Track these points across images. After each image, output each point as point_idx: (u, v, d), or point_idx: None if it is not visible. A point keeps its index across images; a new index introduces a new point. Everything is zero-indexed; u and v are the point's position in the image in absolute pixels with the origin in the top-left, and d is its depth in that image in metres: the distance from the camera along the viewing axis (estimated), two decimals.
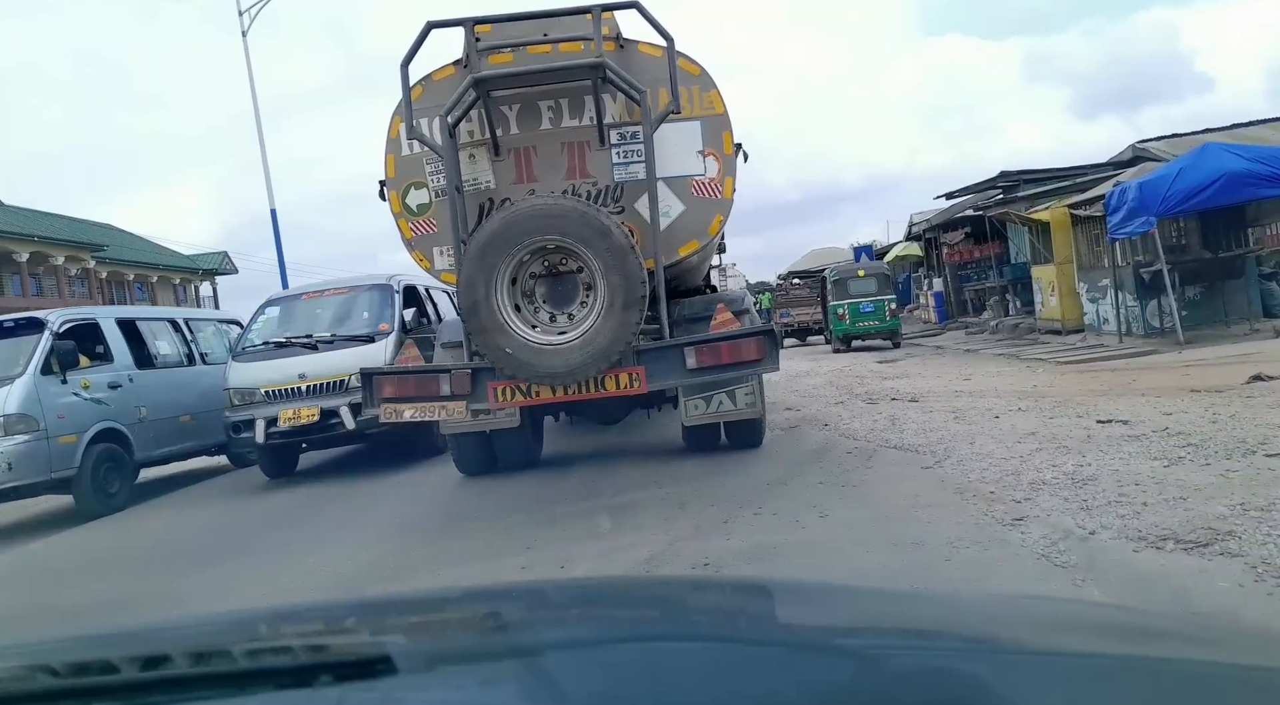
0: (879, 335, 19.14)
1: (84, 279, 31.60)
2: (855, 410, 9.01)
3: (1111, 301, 12.96)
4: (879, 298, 19.01)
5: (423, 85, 5.98)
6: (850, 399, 10.04)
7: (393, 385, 5.68)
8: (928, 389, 10.23)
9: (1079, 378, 9.98)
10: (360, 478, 8.61)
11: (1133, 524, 3.92)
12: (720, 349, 5.58)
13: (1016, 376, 10.88)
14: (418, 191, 6.12)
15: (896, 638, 1.02)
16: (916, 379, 11.79)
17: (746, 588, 1.58)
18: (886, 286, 19.59)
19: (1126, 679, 0.81)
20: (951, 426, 7.23)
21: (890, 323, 19.04)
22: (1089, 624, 1.14)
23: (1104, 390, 8.49)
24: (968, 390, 9.73)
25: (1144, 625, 1.19)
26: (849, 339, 19.19)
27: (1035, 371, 11.32)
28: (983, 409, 8.04)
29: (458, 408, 5.63)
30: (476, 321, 5.40)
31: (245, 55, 18.40)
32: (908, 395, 9.74)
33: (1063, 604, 1.56)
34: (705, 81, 6.00)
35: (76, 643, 1.25)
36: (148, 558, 6.37)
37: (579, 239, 5.33)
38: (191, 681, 0.90)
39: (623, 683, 0.82)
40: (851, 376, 12.89)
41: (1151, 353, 11.19)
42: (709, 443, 7.13)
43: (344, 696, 0.81)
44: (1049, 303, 15.70)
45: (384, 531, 6.06)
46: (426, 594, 1.95)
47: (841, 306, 19.06)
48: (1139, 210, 10.95)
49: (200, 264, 38.94)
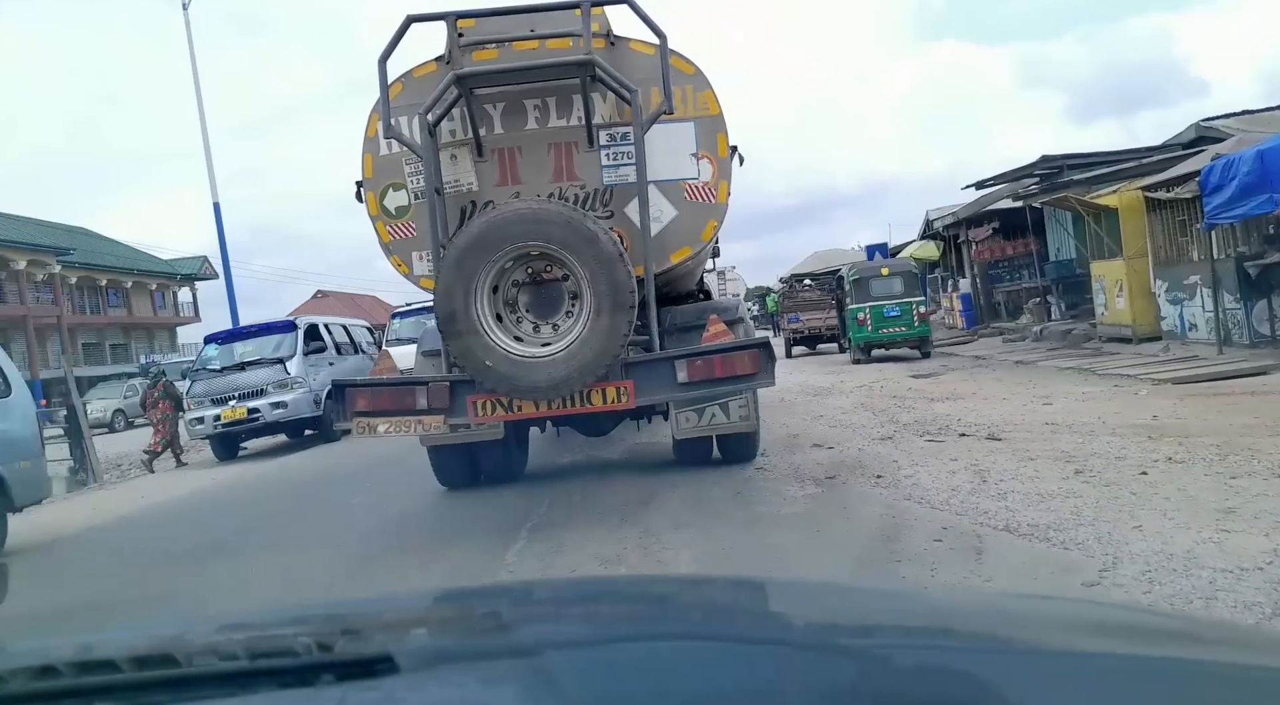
0: (906, 343, 16.72)
1: (49, 284, 30.43)
2: (914, 452, 6.77)
3: (1201, 303, 10.94)
4: (906, 299, 16.37)
5: (402, 82, 5.71)
6: (900, 432, 7.79)
7: (366, 398, 5.39)
8: (1003, 419, 7.88)
9: (1210, 405, 7.50)
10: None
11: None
12: (713, 362, 5.31)
13: (1115, 401, 8.45)
14: (396, 193, 5.84)
15: (896, 637, 1.00)
16: (975, 401, 9.38)
17: (747, 587, 1.57)
18: (914, 286, 16.86)
19: (1127, 679, 0.80)
20: (1080, 490, 5.01)
21: (919, 329, 16.51)
22: (1089, 624, 1.12)
23: (1269, 425, 6.28)
24: (1063, 422, 7.36)
25: (1144, 625, 1.19)
26: (870, 348, 16.80)
27: (1135, 394, 8.87)
28: (1108, 456, 5.79)
29: (435, 422, 5.35)
30: (454, 332, 5.11)
31: (186, 30, 17.56)
32: (980, 428, 7.48)
33: (1063, 604, 1.52)
34: (699, 81, 5.73)
35: (77, 641, 1.22)
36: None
37: (564, 245, 5.05)
38: (193, 680, 0.90)
39: (623, 682, 0.83)
40: (887, 396, 10.63)
41: (1274, 368, 8.93)
42: (700, 456, 6.86)
43: (345, 695, 0.82)
44: (1114, 305, 13.24)
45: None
46: (428, 593, 1.92)
47: (862, 310, 16.44)
48: (1258, 186, 8.76)
49: (179, 269, 38.16)
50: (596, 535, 5.09)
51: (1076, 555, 3.89)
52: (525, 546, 5.05)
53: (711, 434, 6.57)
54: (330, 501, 8.22)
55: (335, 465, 10.69)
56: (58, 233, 32.43)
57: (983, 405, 9.02)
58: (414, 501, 7.11)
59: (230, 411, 12.83)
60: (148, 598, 5.15)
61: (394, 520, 6.70)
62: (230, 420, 12.86)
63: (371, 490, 8.33)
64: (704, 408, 6.22)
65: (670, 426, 6.52)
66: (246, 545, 6.48)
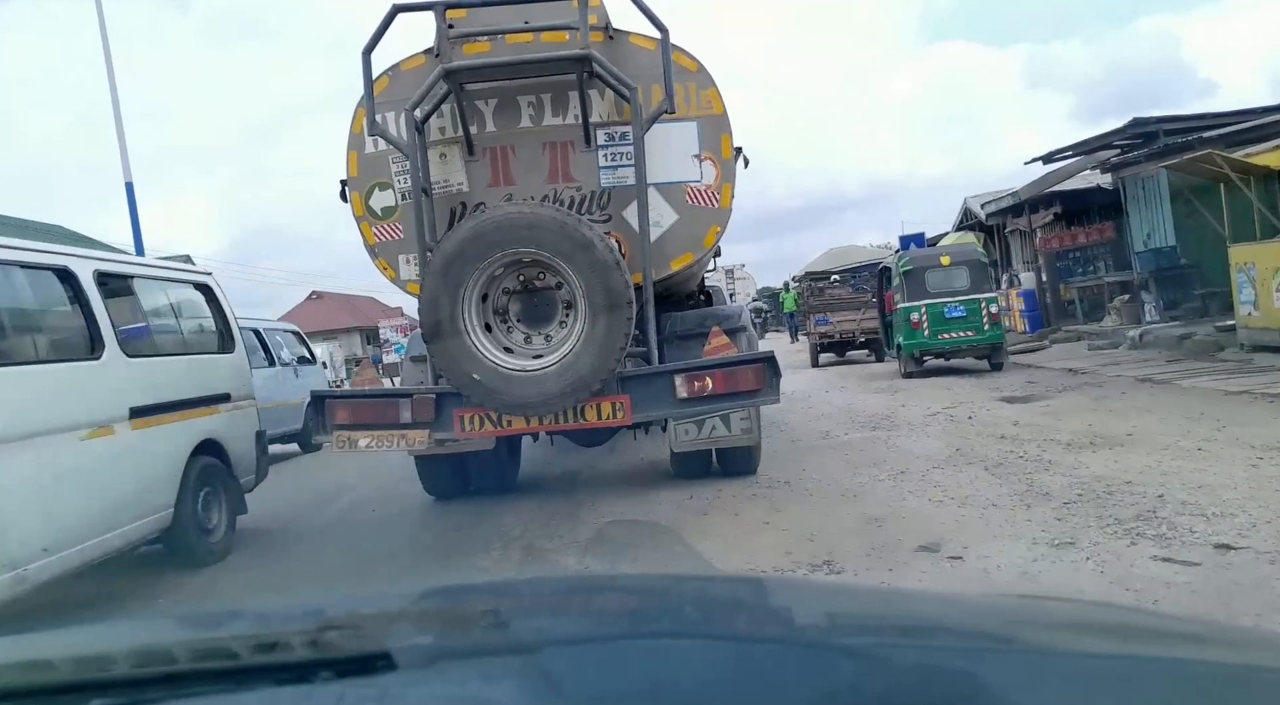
0: (971, 352, 12.96)
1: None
2: (1139, 583, 3.60)
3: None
4: (973, 297, 12.67)
5: (390, 76, 5.44)
6: (1072, 521, 4.51)
7: (347, 410, 5.12)
8: (1239, 498, 4.57)
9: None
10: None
11: None
12: (715, 378, 5.03)
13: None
14: (382, 193, 5.55)
15: (896, 637, 0.99)
16: (1148, 451, 5.93)
17: (747, 585, 1.54)
18: (983, 279, 13.11)
19: (1126, 679, 0.80)
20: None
21: (990, 333, 12.71)
22: (1089, 624, 1.11)
23: None
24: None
25: (1144, 625, 1.19)
26: (923, 357, 13.17)
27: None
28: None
29: (419, 437, 5.07)
30: (440, 343, 4.82)
31: (97, 7, 16.53)
32: (1203, 517, 4.31)
33: (1063, 604, 1.48)
34: (703, 78, 5.43)
35: (74, 637, 1.23)
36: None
37: (557, 252, 4.76)
38: (190, 677, 0.88)
39: (623, 679, 0.83)
40: (988, 435, 7.22)
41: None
42: (698, 470, 6.57)
43: (344, 692, 0.80)
44: (1270, 303, 10.13)
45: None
46: (426, 590, 1.82)
47: (916, 310, 12.83)
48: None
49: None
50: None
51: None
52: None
53: (711, 447, 6.29)
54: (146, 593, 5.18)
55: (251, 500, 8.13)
56: (20, 228, 31.26)
57: (1169, 460, 5.59)
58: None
59: None
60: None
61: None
62: None
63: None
64: (704, 420, 5.94)
65: (668, 439, 6.24)
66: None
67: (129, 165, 16.88)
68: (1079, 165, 15.50)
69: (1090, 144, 14.84)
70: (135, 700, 0.84)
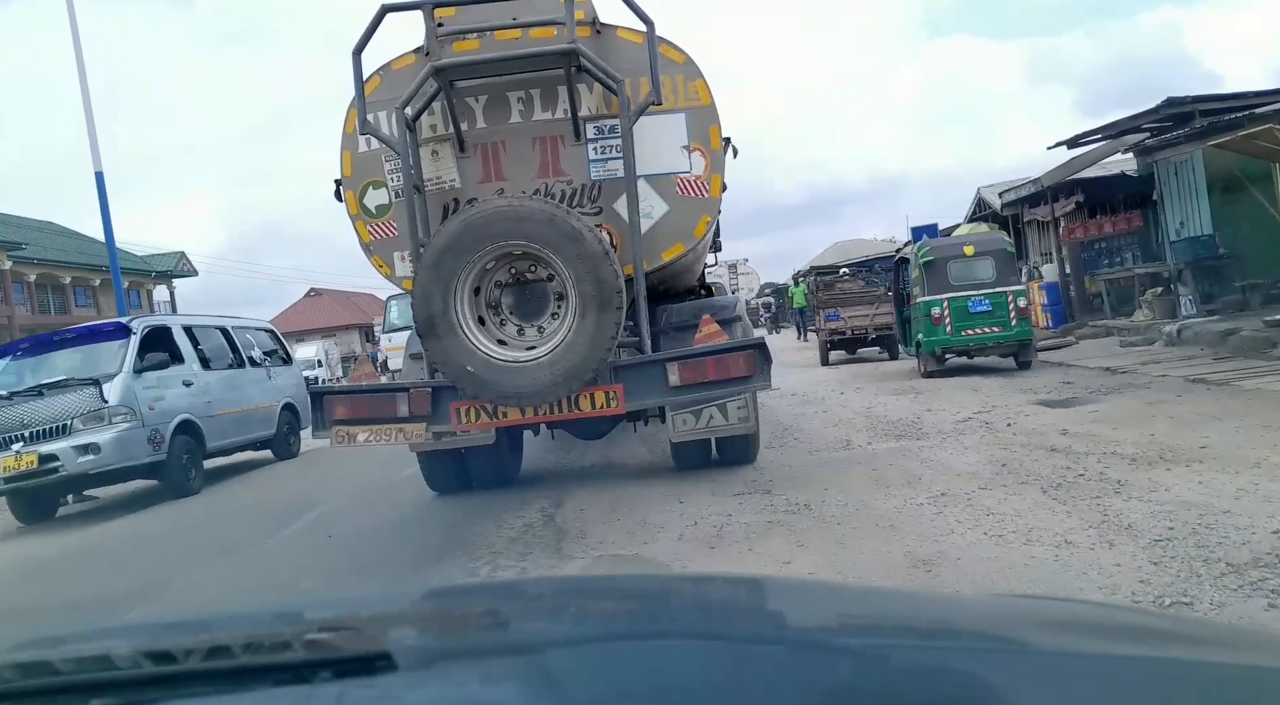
0: (997, 349, 11.88)
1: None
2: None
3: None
4: (999, 290, 11.64)
5: (380, 75, 5.51)
6: (1186, 577, 3.41)
7: (345, 406, 5.19)
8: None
9: None
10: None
11: None
12: (706, 364, 5.07)
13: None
14: (376, 191, 5.63)
15: (896, 637, 0.99)
16: (1233, 469, 4.97)
17: (747, 585, 1.55)
18: (1010, 270, 12.05)
19: (1127, 679, 0.80)
20: None
21: (1018, 330, 11.62)
22: (1089, 624, 1.11)
23: None
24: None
25: (1144, 625, 1.19)
26: (945, 355, 12.11)
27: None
28: None
29: (417, 430, 5.13)
30: (434, 337, 4.88)
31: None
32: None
33: (1063, 604, 1.49)
34: (690, 70, 5.48)
35: (74, 638, 1.24)
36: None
37: (547, 244, 4.81)
38: (190, 677, 0.89)
39: (622, 680, 0.83)
40: (1035, 447, 6.27)
41: None
42: (698, 460, 6.62)
43: (343, 693, 0.81)
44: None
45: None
46: (426, 591, 1.89)
47: (938, 304, 11.77)
48: None
49: (154, 266, 35.54)
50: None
51: None
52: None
53: (710, 436, 6.33)
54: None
55: (191, 527, 7.81)
56: (10, 225, 29.01)
57: (1266, 482, 4.66)
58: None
59: (11, 460, 8.33)
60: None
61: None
62: (12, 473, 8.34)
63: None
64: (702, 410, 5.98)
65: (666, 429, 6.29)
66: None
67: (99, 155, 16.70)
68: (1107, 149, 14.23)
69: (1119, 126, 13.56)
70: (135, 700, 0.85)
